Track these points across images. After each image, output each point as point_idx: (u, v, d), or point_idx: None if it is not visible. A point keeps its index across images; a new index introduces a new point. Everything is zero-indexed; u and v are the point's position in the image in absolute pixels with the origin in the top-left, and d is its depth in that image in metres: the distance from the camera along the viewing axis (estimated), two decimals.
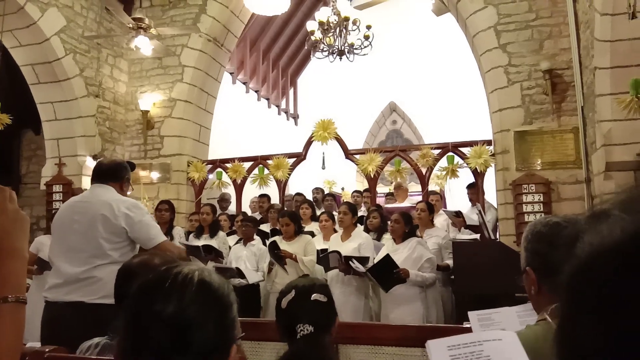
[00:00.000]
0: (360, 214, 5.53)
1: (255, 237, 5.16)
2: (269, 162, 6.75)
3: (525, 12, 5.74)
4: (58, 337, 1.78)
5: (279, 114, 12.38)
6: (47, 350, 1.57)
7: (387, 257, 3.90)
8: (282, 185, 6.75)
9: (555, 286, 1.21)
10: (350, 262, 4.01)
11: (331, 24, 6.69)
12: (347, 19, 6.65)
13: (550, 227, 1.26)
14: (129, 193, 2.93)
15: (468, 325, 1.89)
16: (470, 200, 6.03)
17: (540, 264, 1.25)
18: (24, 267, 1.07)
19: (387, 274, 3.89)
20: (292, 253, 4.36)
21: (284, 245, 4.49)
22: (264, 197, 6.71)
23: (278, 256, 4.41)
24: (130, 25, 5.62)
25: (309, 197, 6.74)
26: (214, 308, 0.86)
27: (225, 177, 7.00)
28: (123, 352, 0.84)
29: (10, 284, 1.02)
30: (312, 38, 6.91)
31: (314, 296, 1.58)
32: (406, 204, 6.08)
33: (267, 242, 4.74)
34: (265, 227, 5.82)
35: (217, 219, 5.53)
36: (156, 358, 0.80)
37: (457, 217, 5.35)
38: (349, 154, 6.56)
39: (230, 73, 10.10)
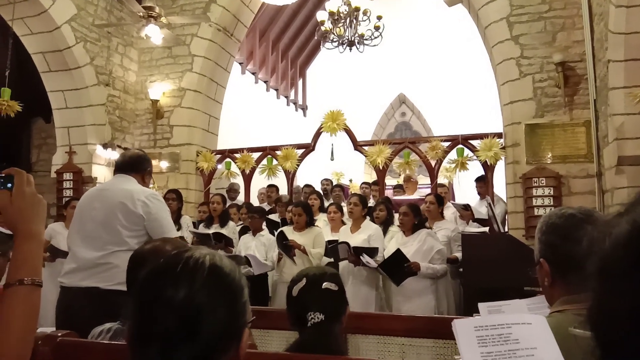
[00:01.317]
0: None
1: (264, 227, 5.18)
2: (278, 152, 6.75)
3: (538, 3, 5.66)
4: (74, 323, 1.79)
5: (288, 104, 12.36)
6: (59, 335, 1.59)
7: (398, 251, 3.89)
8: (290, 176, 6.75)
9: (570, 278, 1.20)
10: (361, 257, 4.00)
11: (341, 14, 6.66)
12: (357, 9, 6.62)
13: (566, 218, 1.25)
14: (150, 185, 2.97)
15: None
16: (479, 193, 6.01)
17: (555, 256, 1.24)
18: (40, 250, 1.08)
19: (397, 268, 3.89)
20: (301, 244, 4.36)
21: (294, 236, 4.48)
22: (273, 187, 6.72)
23: (286, 247, 4.41)
24: (141, 14, 5.61)
25: (317, 188, 6.73)
26: (225, 293, 0.85)
27: (234, 167, 7.01)
28: (133, 337, 0.83)
29: (26, 267, 1.02)
30: (322, 28, 6.88)
31: (325, 285, 1.58)
32: (415, 196, 6.07)
33: (276, 233, 4.75)
34: (275, 218, 5.83)
35: (226, 209, 5.54)
36: (166, 344, 0.80)
37: (466, 210, 5.33)
38: (357, 146, 6.54)
39: (240, 63, 10.08)
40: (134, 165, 2.79)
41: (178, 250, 0.90)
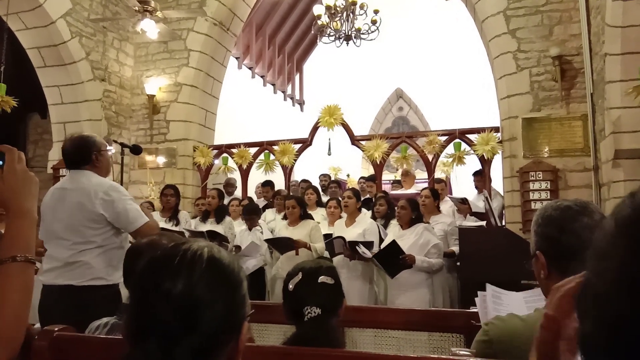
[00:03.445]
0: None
1: (260, 222, 5.18)
2: (275, 147, 6.74)
3: None
4: (51, 319, 1.80)
5: (285, 99, 12.34)
6: (55, 329, 1.58)
7: (393, 242, 3.89)
8: (287, 171, 6.75)
9: (566, 270, 1.20)
10: (357, 247, 4.01)
11: (338, 8, 6.64)
12: (354, 3, 6.59)
13: (562, 210, 1.25)
14: (111, 152, 2.82)
15: (475, 310, 1.89)
16: (477, 187, 6.02)
17: (551, 248, 1.24)
18: (33, 227, 1.06)
19: (392, 259, 3.89)
20: (306, 242, 4.34)
21: (288, 231, 4.48)
22: (267, 186, 6.70)
23: (278, 243, 4.38)
24: (136, 8, 5.58)
25: (315, 183, 6.73)
26: (224, 285, 0.84)
27: (231, 163, 7.00)
28: (130, 331, 0.82)
29: (19, 244, 1.01)
30: (319, 22, 6.86)
31: (321, 278, 1.58)
32: (412, 190, 6.08)
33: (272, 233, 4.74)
34: (271, 213, 5.83)
35: (223, 204, 5.53)
36: (164, 338, 0.78)
37: (463, 204, 5.34)
38: (355, 140, 6.53)
39: (236, 58, 10.04)
40: (79, 158, 2.66)
41: (175, 242, 0.89)
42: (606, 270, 0.42)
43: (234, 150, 6.95)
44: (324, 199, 5.73)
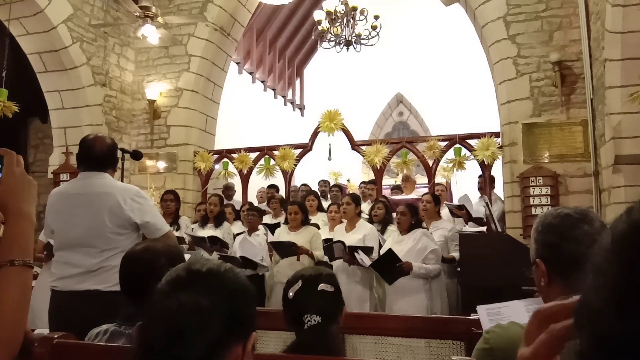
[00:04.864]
0: (369, 206, 5.53)
1: (260, 227, 5.17)
2: (275, 152, 6.74)
3: (535, 2, 5.67)
4: (70, 326, 1.77)
5: (285, 104, 12.35)
6: (56, 336, 1.58)
7: (390, 251, 3.89)
8: (288, 176, 6.75)
9: (567, 277, 1.20)
10: (355, 254, 4.00)
11: (338, 14, 6.64)
12: (354, 9, 6.59)
13: (562, 218, 1.25)
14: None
15: (475, 317, 1.89)
16: (480, 188, 6.01)
17: (551, 256, 1.23)
18: (31, 230, 1.06)
19: (390, 267, 3.88)
20: (308, 249, 4.34)
21: (290, 236, 4.47)
22: (273, 187, 6.71)
23: (281, 247, 4.39)
24: (137, 14, 5.60)
25: (315, 188, 6.73)
26: (235, 298, 0.90)
27: (231, 167, 7.00)
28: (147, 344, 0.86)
29: (17, 247, 1.01)
30: (319, 28, 6.86)
31: (321, 286, 1.57)
32: (413, 195, 6.07)
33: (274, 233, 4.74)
34: (268, 218, 5.82)
35: (223, 210, 5.53)
36: (174, 345, 0.83)
37: (460, 210, 5.32)
38: (355, 145, 6.53)
39: (237, 63, 10.06)
40: (107, 161, 2.54)
41: (172, 250, 0.93)
42: (600, 285, 0.42)
43: (235, 155, 6.96)
44: (325, 204, 5.73)
